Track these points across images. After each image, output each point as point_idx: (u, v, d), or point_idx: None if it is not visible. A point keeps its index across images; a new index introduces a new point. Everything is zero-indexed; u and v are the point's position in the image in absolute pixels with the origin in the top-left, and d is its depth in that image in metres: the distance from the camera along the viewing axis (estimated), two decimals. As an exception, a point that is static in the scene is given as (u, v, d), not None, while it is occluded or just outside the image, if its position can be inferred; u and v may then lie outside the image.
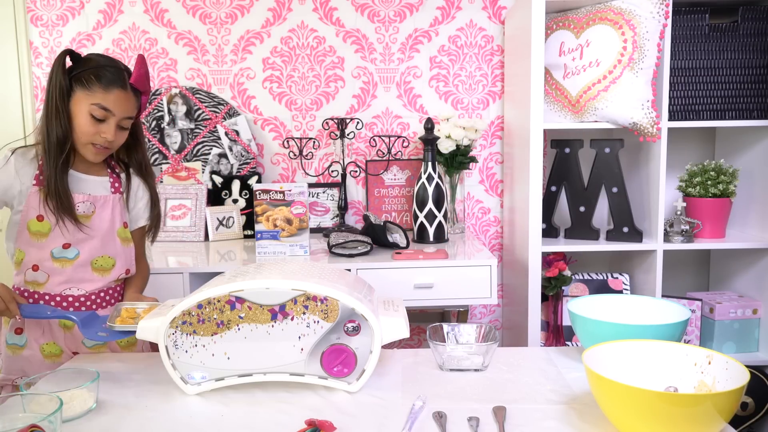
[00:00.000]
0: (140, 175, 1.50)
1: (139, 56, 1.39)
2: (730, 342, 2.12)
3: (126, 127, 1.38)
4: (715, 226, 2.10)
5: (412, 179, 2.44)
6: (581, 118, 2.05)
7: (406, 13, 2.44)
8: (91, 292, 1.40)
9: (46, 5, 2.44)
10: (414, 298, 1.88)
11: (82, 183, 1.40)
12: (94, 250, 1.40)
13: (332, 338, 1.04)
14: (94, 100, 1.32)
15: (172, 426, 0.96)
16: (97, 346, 1.42)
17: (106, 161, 1.46)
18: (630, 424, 0.84)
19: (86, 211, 1.38)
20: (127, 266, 1.47)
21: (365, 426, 0.94)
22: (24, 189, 1.35)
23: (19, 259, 1.37)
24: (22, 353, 1.40)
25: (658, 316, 1.17)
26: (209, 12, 2.44)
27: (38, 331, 1.40)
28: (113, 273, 1.43)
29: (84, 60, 1.36)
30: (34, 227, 1.35)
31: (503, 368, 1.16)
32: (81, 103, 1.32)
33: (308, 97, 2.47)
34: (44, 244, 1.36)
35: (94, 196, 1.40)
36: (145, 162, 1.50)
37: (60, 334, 1.41)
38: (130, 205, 1.49)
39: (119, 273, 1.45)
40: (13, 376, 1.41)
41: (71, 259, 1.38)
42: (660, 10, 1.90)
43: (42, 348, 1.40)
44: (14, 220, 1.37)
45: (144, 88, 1.40)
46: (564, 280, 2.11)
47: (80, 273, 1.39)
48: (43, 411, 0.87)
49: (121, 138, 1.38)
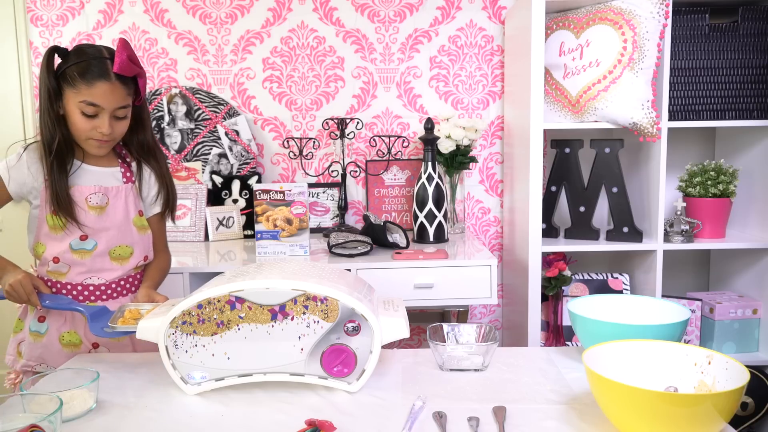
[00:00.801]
0: (145, 157, 1.48)
1: (120, 41, 1.32)
2: (730, 342, 2.12)
3: (122, 116, 1.36)
4: (715, 226, 2.10)
5: (412, 179, 2.44)
6: (581, 118, 2.05)
7: (406, 13, 2.44)
8: (111, 281, 1.42)
9: (46, 5, 2.44)
10: (414, 298, 1.88)
11: (94, 175, 1.40)
12: (112, 240, 1.41)
13: (332, 338, 1.04)
14: (81, 97, 1.30)
15: (172, 426, 0.95)
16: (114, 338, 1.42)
17: (116, 151, 1.46)
18: (630, 424, 0.84)
19: (100, 203, 1.39)
20: (144, 253, 1.48)
21: (365, 426, 0.94)
22: (37, 185, 1.36)
23: (40, 252, 1.39)
24: (42, 341, 1.42)
25: (658, 316, 1.17)
26: (209, 12, 2.44)
27: (60, 319, 1.42)
28: (131, 261, 1.45)
29: (70, 55, 1.33)
30: (51, 221, 1.36)
31: (503, 368, 1.16)
32: (70, 102, 1.31)
33: (308, 97, 2.47)
34: (62, 237, 1.37)
35: (106, 188, 1.40)
36: (147, 143, 1.46)
37: (81, 324, 1.42)
38: (143, 194, 1.48)
39: (137, 261, 1.46)
40: (33, 363, 1.43)
41: (89, 250, 1.39)
42: (660, 10, 1.90)
43: (61, 337, 1.42)
44: (33, 214, 1.39)
45: (131, 73, 1.33)
46: (564, 280, 2.11)
47: (99, 263, 1.40)
48: (43, 411, 0.87)
49: (120, 127, 1.37)
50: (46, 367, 1.41)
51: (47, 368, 1.41)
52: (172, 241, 2.28)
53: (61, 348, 1.42)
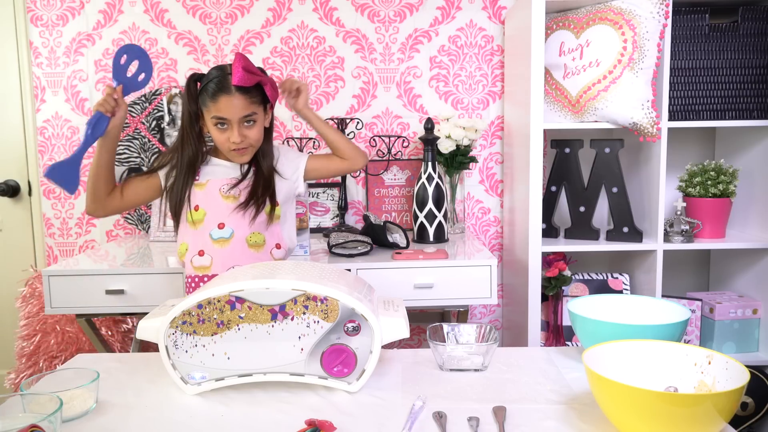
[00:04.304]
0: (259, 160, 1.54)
1: (236, 54, 1.43)
2: (730, 342, 2.12)
3: (251, 125, 1.47)
4: (715, 226, 2.10)
5: (412, 179, 2.44)
6: (581, 118, 2.05)
7: (406, 13, 2.44)
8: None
9: (46, 5, 2.44)
10: (414, 298, 1.88)
11: (223, 168, 1.53)
12: (245, 228, 1.50)
13: (332, 338, 1.04)
14: (210, 113, 1.45)
15: (172, 426, 0.95)
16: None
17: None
18: (630, 424, 0.84)
19: (231, 192, 1.50)
20: (276, 241, 1.55)
21: (365, 426, 0.94)
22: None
23: (183, 251, 1.52)
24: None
25: (658, 316, 1.17)
26: (209, 12, 2.44)
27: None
28: (265, 248, 1.53)
29: (203, 79, 1.47)
30: (192, 217, 1.49)
31: (503, 368, 1.16)
32: (207, 120, 1.47)
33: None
34: (202, 229, 1.49)
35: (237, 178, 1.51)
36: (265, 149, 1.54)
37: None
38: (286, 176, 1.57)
39: (270, 248, 1.54)
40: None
41: (228, 239, 1.49)
42: (660, 10, 1.90)
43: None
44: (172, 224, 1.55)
45: (250, 83, 1.43)
46: (564, 280, 2.11)
47: (239, 250, 1.49)
48: (43, 411, 0.87)
49: (253, 134, 1.48)
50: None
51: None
52: (172, 241, 2.29)
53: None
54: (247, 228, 1.50)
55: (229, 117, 1.43)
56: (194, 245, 1.50)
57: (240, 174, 1.53)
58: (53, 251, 2.54)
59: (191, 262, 1.50)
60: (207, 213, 1.49)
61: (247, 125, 1.46)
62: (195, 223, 1.50)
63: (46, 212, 2.52)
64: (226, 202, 1.49)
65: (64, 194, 2.50)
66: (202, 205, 1.50)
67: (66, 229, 2.52)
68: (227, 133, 1.45)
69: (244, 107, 1.44)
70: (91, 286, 1.86)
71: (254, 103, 1.45)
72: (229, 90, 1.42)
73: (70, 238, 2.53)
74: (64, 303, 1.88)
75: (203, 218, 1.49)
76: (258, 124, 1.48)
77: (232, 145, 1.46)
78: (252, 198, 1.49)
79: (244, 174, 1.52)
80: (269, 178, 1.53)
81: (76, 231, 2.53)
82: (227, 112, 1.43)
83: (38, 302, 2.19)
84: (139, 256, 2.08)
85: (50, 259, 2.54)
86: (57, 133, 2.48)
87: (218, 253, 1.49)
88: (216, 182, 1.51)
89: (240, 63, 1.41)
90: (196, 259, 1.50)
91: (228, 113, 1.43)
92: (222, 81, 1.42)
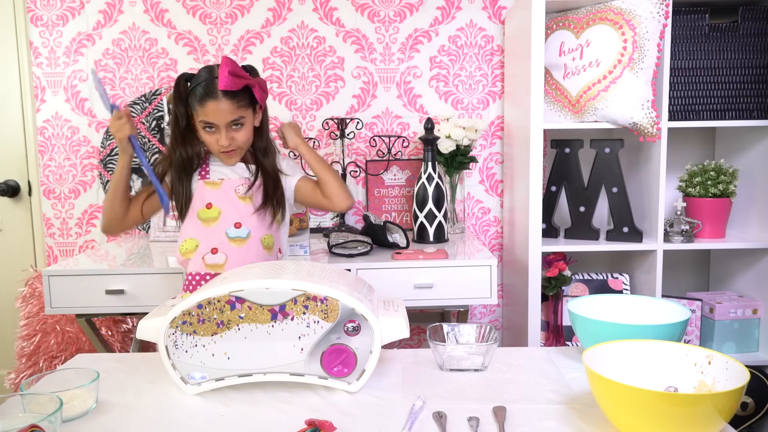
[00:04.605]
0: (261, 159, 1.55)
1: (222, 58, 1.43)
2: (730, 342, 2.12)
3: (238, 128, 1.46)
4: (715, 226, 2.10)
5: (412, 179, 2.44)
6: (581, 118, 2.05)
7: (406, 13, 2.44)
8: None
9: (46, 5, 2.44)
10: (414, 298, 1.88)
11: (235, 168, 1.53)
12: (262, 230, 1.51)
13: (332, 338, 1.04)
14: (198, 117, 1.45)
15: (172, 426, 0.96)
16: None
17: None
18: (630, 424, 0.84)
19: (247, 193, 1.51)
20: (279, 246, 1.57)
21: (365, 426, 0.94)
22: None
23: (191, 248, 1.49)
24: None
25: (658, 316, 1.17)
26: (209, 12, 2.44)
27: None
28: (274, 251, 1.55)
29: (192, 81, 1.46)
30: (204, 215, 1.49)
31: (503, 368, 1.16)
32: (196, 122, 1.47)
33: (308, 97, 2.47)
34: (216, 227, 1.48)
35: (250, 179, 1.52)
36: (262, 147, 1.55)
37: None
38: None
39: (276, 250, 1.56)
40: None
41: (245, 238, 1.49)
42: (660, 10, 1.90)
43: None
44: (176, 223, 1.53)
45: (236, 87, 1.41)
46: (564, 280, 2.11)
47: (254, 251, 1.49)
48: (43, 411, 0.87)
49: (241, 136, 1.48)
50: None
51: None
52: (172, 241, 2.29)
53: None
54: (265, 229, 1.51)
55: (216, 122, 1.43)
56: (206, 242, 1.49)
57: (250, 174, 1.53)
58: (53, 251, 2.54)
59: (203, 259, 1.49)
60: (222, 211, 1.49)
61: (235, 128, 1.46)
62: (208, 221, 1.49)
63: (46, 212, 2.52)
64: (242, 202, 1.50)
65: (64, 194, 2.50)
66: (215, 204, 1.50)
67: (66, 229, 2.52)
68: (215, 136, 1.46)
69: (231, 112, 1.43)
70: (91, 286, 1.86)
71: (242, 107, 1.45)
72: (215, 95, 1.41)
73: (70, 238, 2.53)
74: (64, 303, 1.88)
75: (218, 216, 1.49)
76: (246, 126, 1.48)
77: (221, 148, 1.47)
78: (268, 201, 1.51)
79: (255, 174, 1.53)
80: (276, 178, 1.54)
81: (76, 231, 2.53)
82: (214, 117, 1.43)
83: (38, 302, 2.19)
84: (139, 256, 2.08)
85: (50, 259, 2.54)
86: (57, 133, 2.48)
87: (234, 252, 1.48)
88: (231, 182, 1.51)
89: (226, 68, 1.40)
90: (208, 257, 1.48)
91: (215, 118, 1.43)
92: (209, 86, 1.42)
